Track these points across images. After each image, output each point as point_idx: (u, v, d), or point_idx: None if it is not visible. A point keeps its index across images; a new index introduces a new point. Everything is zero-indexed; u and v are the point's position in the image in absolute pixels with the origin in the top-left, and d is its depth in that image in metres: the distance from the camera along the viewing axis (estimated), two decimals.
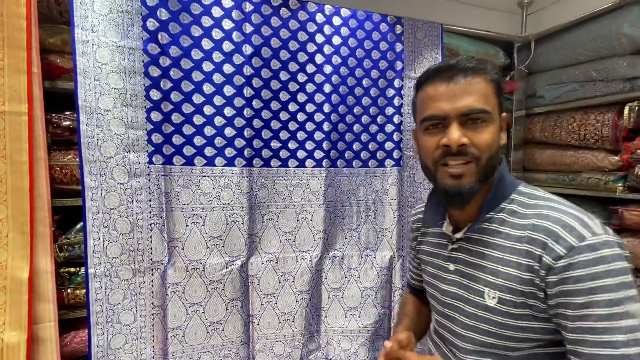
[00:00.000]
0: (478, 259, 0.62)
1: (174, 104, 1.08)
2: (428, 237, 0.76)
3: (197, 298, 1.14)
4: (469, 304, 0.62)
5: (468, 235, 0.64)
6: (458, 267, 0.65)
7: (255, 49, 1.13)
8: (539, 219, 0.56)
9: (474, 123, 0.57)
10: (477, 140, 0.57)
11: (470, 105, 0.57)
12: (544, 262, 0.53)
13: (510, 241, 0.58)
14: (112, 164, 1.02)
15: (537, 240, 0.55)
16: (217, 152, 1.13)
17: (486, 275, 0.60)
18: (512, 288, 0.56)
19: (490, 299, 0.59)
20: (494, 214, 0.61)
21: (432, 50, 1.36)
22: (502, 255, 0.58)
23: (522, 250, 0.56)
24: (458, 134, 0.57)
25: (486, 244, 0.61)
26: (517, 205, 0.60)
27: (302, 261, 1.25)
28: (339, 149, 1.28)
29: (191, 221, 1.12)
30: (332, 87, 1.23)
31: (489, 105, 0.58)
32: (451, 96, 0.58)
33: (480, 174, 0.58)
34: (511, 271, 0.57)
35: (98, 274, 1.01)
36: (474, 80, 0.57)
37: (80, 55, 0.97)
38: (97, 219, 1.01)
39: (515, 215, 0.59)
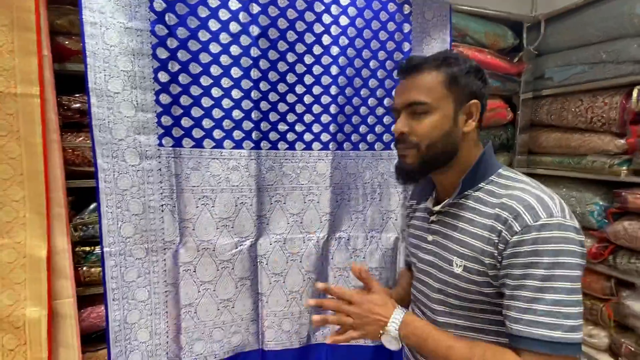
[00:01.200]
0: (451, 231, 0.71)
1: (182, 87, 1.09)
2: (417, 213, 0.87)
3: (208, 277, 1.18)
4: (440, 271, 0.72)
5: (446, 209, 0.73)
6: (435, 238, 0.75)
7: (262, 29, 1.13)
8: (508, 199, 0.64)
9: (418, 114, 0.68)
10: (416, 129, 0.68)
11: (410, 98, 0.68)
12: (502, 236, 0.61)
13: (481, 217, 0.66)
14: (123, 146, 1.04)
15: (501, 217, 0.62)
16: (225, 134, 1.15)
17: (456, 246, 0.69)
18: (475, 258, 0.65)
19: (457, 267, 0.67)
20: (471, 192, 0.69)
21: (441, 31, 1.34)
22: (472, 229, 0.67)
23: (488, 225, 0.64)
24: (399, 125, 0.69)
25: (460, 218, 0.70)
26: (493, 186, 0.68)
27: (309, 242, 1.29)
28: (345, 131, 1.29)
29: (201, 202, 1.15)
30: (339, 69, 1.24)
31: (430, 97, 0.67)
32: (402, 91, 0.70)
33: (421, 157, 0.68)
34: (477, 243, 0.65)
35: (113, 253, 1.05)
36: (419, 76, 0.68)
37: (89, 37, 0.97)
38: (111, 200, 1.04)
39: (490, 194, 0.67)
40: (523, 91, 1.66)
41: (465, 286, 0.67)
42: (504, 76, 1.58)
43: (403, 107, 0.69)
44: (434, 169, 0.72)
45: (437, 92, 0.67)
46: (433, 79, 0.67)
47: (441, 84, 0.67)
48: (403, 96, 0.69)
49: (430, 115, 0.67)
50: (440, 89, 0.67)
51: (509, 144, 1.70)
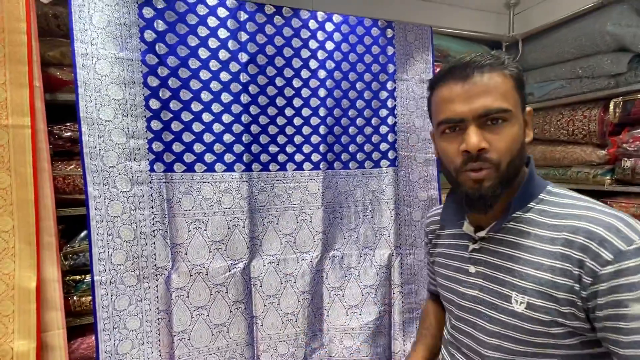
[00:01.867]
0: (504, 261, 0.58)
1: (173, 113, 1.11)
2: (443, 239, 0.74)
3: (201, 301, 1.17)
4: (493, 309, 0.59)
5: (491, 235, 0.61)
6: (480, 270, 0.62)
7: (250, 56, 1.17)
8: (577, 220, 0.52)
9: (494, 124, 0.54)
10: (496, 143, 0.54)
11: (487, 105, 0.53)
12: (587, 267, 0.49)
13: (542, 243, 0.55)
14: (114, 173, 1.05)
15: (576, 242, 0.51)
16: (216, 158, 1.16)
17: (514, 279, 0.57)
18: (543, 293, 0.53)
19: (518, 304, 0.55)
20: (521, 214, 0.58)
21: (423, 52, 1.40)
22: (533, 258, 0.55)
23: (557, 252, 0.53)
24: (477, 138, 0.54)
25: (513, 245, 0.58)
26: (546, 205, 0.57)
27: (303, 262, 1.29)
28: (335, 151, 1.31)
29: (193, 226, 1.15)
30: (326, 91, 1.27)
31: (508, 102, 0.54)
32: (467, 97, 0.55)
33: (501, 178, 0.55)
34: (543, 275, 0.53)
35: (104, 281, 1.04)
36: (491, 77, 0.54)
37: (80, 67, 0.99)
38: (102, 227, 1.04)
39: (546, 215, 0.56)
40: None
41: (529, 327, 0.54)
42: None
43: (474, 116, 0.54)
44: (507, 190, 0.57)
45: (513, 97, 0.55)
46: (506, 81, 0.55)
47: (514, 87, 0.56)
48: (474, 102, 0.54)
49: (510, 125, 0.54)
50: (514, 94, 0.55)
51: None
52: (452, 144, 0.57)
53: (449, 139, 0.58)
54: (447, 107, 0.57)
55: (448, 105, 0.56)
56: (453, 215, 0.67)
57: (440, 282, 0.72)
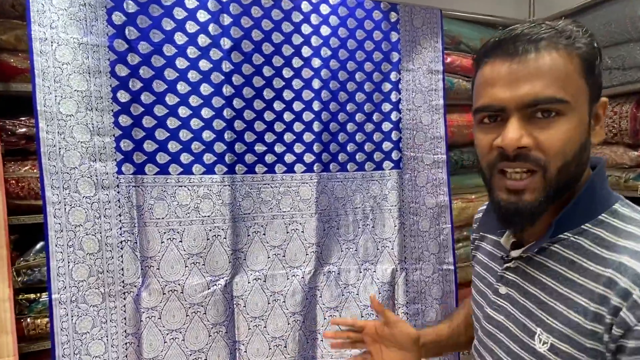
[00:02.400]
0: (536, 289, 0.56)
1: (145, 106, 1.12)
2: (484, 244, 0.72)
3: (175, 324, 1.18)
4: (514, 341, 0.58)
5: (530, 255, 0.58)
6: (510, 292, 0.60)
7: (234, 42, 1.19)
8: (629, 256, 0.48)
9: (545, 117, 0.49)
10: (545, 141, 0.49)
11: (537, 92, 0.49)
12: (620, 317, 0.46)
13: (585, 277, 0.50)
14: (76, 175, 1.06)
15: (619, 285, 0.47)
16: (194, 158, 1.18)
17: (542, 313, 0.54)
18: (571, 338, 0.50)
19: (541, 343, 0.53)
20: (570, 236, 0.54)
21: (432, 39, 1.43)
22: (569, 293, 0.51)
23: (595, 292, 0.49)
24: (516, 133, 0.49)
25: (551, 273, 0.54)
26: (605, 230, 0.52)
27: (294, 278, 1.30)
28: (331, 151, 1.34)
29: (167, 237, 1.16)
30: (321, 83, 1.30)
31: (566, 91, 0.49)
32: (512, 80, 0.50)
33: (548, 188, 0.51)
34: (575, 317, 0.50)
35: (63, 300, 1.05)
36: (548, 56, 0.49)
37: (37, 54, 1.01)
38: (61, 238, 1.05)
39: (601, 244, 0.51)
40: None
41: None
42: None
43: (518, 106, 0.50)
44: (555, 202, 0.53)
45: (575, 84, 0.49)
46: (568, 63, 0.49)
47: (577, 72, 0.50)
48: (519, 88, 0.49)
49: (567, 120, 0.49)
50: (577, 80, 0.50)
51: None
52: (487, 135, 0.54)
53: (485, 130, 0.54)
54: (486, 91, 0.53)
55: (488, 89, 0.52)
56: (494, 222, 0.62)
57: (473, 293, 0.71)
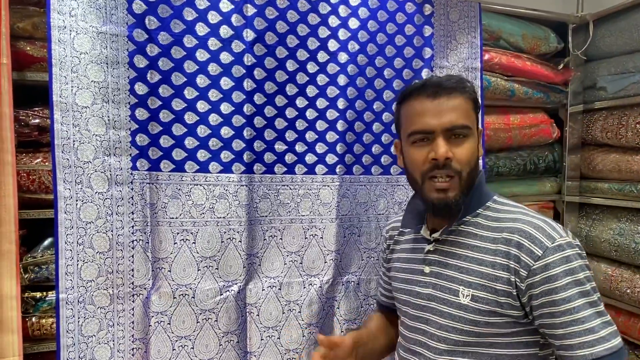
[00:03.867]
0: (454, 260, 0.83)
1: (163, 100, 1.16)
2: (402, 244, 0.98)
3: (185, 330, 1.21)
4: (444, 304, 0.82)
5: (444, 237, 0.85)
6: (433, 269, 0.86)
7: (257, 34, 1.22)
8: (513, 222, 0.78)
9: (457, 138, 0.79)
10: (459, 155, 0.79)
11: (454, 121, 0.79)
12: (523, 261, 0.74)
13: (485, 242, 0.80)
14: (89, 170, 1.11)
15: (513, 240, 0.76)
16: (211, 156, 1.22)
17: (461, 274, 0.80)
18: (484, 285, 0.77)
19: (464, 297, 0.79)
20: (470, 218, 0.84)
21: (469, 34, 1.44)
22: (477, 255, 0.80)
23: (497, 250, 0.77)
24: (444, 148, 0.78)
25: (461, 245, 0.83)
26: (491, 211, 0.84)
27: (311, 287, 1.33)
28: (355, 152, 1.35)
29: (180, 238, 1.20)
30: (347, 79, 1.32)
31: (469, 121, 0.80)
32: (437, 112, 0.79)
33: (463, 187, 0.80)
34: (485, 269, 0.78)
35: (70, 300, 1.09)
36: (455, 98, 0.80)
37: (56, 43, 1.06)
38: (71, 235, 1.10)
39: (490, 219, 0.82)
40: (571, 103, 1.74)
41: (472, 318, 0.78)
42: (547, 86, 1.67)
43: (442, 130, 0.79)
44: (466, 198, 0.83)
45: (472, 116, 0.82)
46: (467, 103, 0.82)
47: (472, 108, 0.83)
48: (441, 118, 0.79)
49: (470, 140, 0.81)
50: (472, 114, 0.83)
51: (555, 167, 1.77)
52: (421, 152, 0.81)
53: (418, 148, 0.82)
54: (419, 120, 0.81)
55: (420, 118, 0.81)
56: (413, 219, 0.92)
57: (397, 286, 0.95)
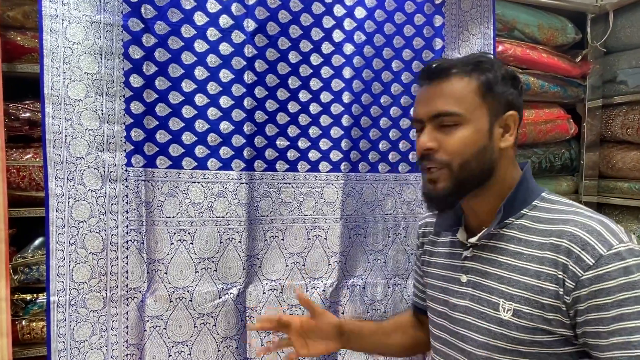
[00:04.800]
0: (494, 268, 0.75)
1: (159, 93, 1.17)
2: (438, 247, 0.91)
3: (182, 336, 1.22)
4: (482, 319, 0.75)
5: (483, 242, 0.78)
6: (471, 278, 0.79)
7: (259, 24, 1.22)
8: (563, 224, 0.69)
9: (447, 126, 0.74)
10: (446, 144, 0.74)
11: (437, 108, 0.74)
12: (570, 271, 0.65)
13: (531, 248, 0.71)
14: (82, 166, 1.11)
15: (562, 246, 0.67)
16: (210, 152, 1.22)
17: (502, 286, 0.73)
18: (529, 299, 0.69)
19: (505, 311, 0.72)
20: (513, 220, 0.76)
21: (481, 25, 1.43)
22: (520, 263, 0.72)
23: (543, 257, 0.69)
24: (425, 138, 0.75)
25: (503, 252, 0.75)
26: (539, 212, 0.75)
27: (314, 291, 1.33)
28: (361, 149, 1.35)
29: (177, 238, 1.20)
30: (353, 72, 1.32)
31: (460, 106, 0.73)
32: (426, 99, 0.77)
33: (454, 179, 0.74)
34: (529, 280, 0.70)
35: (62, 303, 1.10)
36: (448, 82, 0.75)
37: (47, 33, 1.06)
38: (63, 234, 1.10)
39: (537, 221, 0.73)
40: (590, 98, 1.73)
41: (515, 335, 0.70)
42: (564, 79, 1.66)
43: (428, 118, 0.76)
44: (469, 192, 0.77)
45: (470, 102, 0.74)
46: (464, 86, 0.75)
47: (474, 92, 0.75)
48: (428, 105, 0.76)
49: (462, 128, 0.74)
50: (473, 98, 0.75)
51: (572, 165, 1.76)
52: (417, 142, 0.79)
53: (417, 138, 0.79)
54: (415, 108, 0.80)
55: (416, 107, 0.79)
56: (448, 220, 0.85)
57: (432, 295, 0.89)
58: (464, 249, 0.81)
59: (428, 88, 0.77)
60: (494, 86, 0.75)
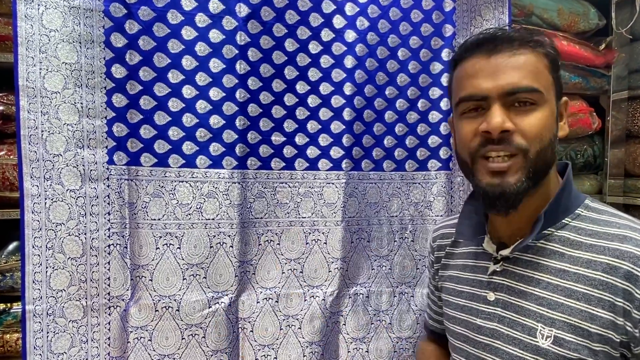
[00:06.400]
0: (531, 287, 0.68)
1: (144, 84, 1.15)
2: (456, 259, 0.84)
3: (168, 348, 1.20)
4: (514, 345, 0.69)
5: (517, 255, 0.71)
6: (500, 297, 0.72)
7: (252, 9, 1.21)
8: (620, 242, 0.63)
9: (522, 106, 0.66)
10: (524, 126, 0.65)
11: (516, 82, 0.65)
12: (637, 299, 0.59)
13: (577, 265, 0.65)
14: (60, 164, 1.09)
15: (622, 269, 0.61)
16: (198, 148, 1.20)
17: (541, 308, 0.67)
18: (574, 325, 0.63)
19: (544, 338, 0.65)
20: (553, 231, 0.69)
21: (495, 10, 1.41)
22: (565, 283, 0.65)
23: (595, 278, 0.63)
24: (501, 117, 0.65)
25: (541, 268, 0.68)
26: (584, 222, 0.68)
27: (313, 300, 1.31)
28: (364, 145, 1.34)
29: (163, 242, 1.19)
30: (356, 61, 1.30)
31: (540, 83, 0.66)
32: (493, 72, 0.66)
33: (529, 170, 0.65)
34: (576, 304, 0.63)
35: (38, 312, 1.09)
36: (522, 53, 0.66)
37: (22, 19, 1.05)
38: (39, 238, 1.08)
39: (583, 233, 0.67)
40: (614, 89, 1.71)
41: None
42: (586, 69, 1.64)
43: (499, 94, 0.66)
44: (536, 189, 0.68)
45: (546, 79, 0.67)
46: (539, 60, 0.67)
47: (548, 68, 0.68)
48: (499, 79, 0.66)
49: (540, 109, 0.66)
50: (547, 75, 0.68)
51: (596, 162, 1.74)
52: (471, 125, 0.68)
53: (469, 120, 0.69)
54: (469, 83, 0.68)
55: (471, 81, 0.68)
56: (471, 228, 0.78)
57: (450, 314, 0.82)
58: (493, 262, 0.75)
59: (494, 59, 0.67)
60: (558, 65, 0.69)
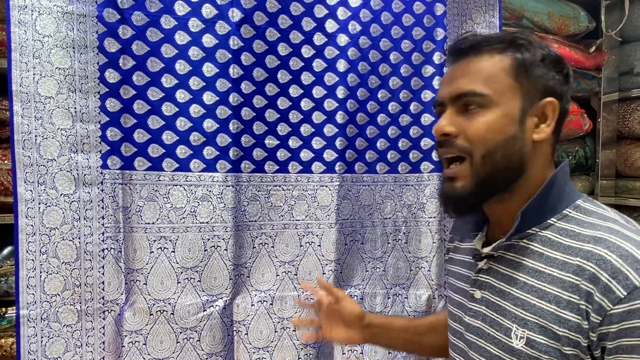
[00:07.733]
0: (509, 286, 0.71)
1: (137, 89, 1.19)
2: (459, 255, 0.87)
3: (163, 352, 1.23)
4: (494, 344, 0.71)
5: (502, 253, 0.73)
6: (485, 295, 0.74)
7: (245, 13, 1.24)
8: (594, 244, 0.63)
9: (471, 109, 0.70)
10: (468, 129, 0.69)
11: (461, 88, 0.70)
12: (596, 303, 0.59)
13: (552, 267, 0.66)
14: (54, 169, 1.13)
15: (587, 270, 0.61)
16: (192, 152, 1.24)
17: (516, 309, 0.68)
18: (544, 327, 0.64)
19: (517, 339, 0.67)
20: (537, 230, 0.70)
21: (486, 13, 1.46)
22: (537, 284, 0.67)
23: (565, 280, 0.63)
24: (446, 121, 0.71)
25: (522, 268, 0.70)
26: (569, 223, 0.69)
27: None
28: (357, 148, 1.38)
29: (157, 246, 1.22)
30: (348, 65, 1.34)
31: (488, 87, 0.69)
32: (450, 78, 0.73)
33: (476, 176, 0.69)
34: (546, 306, 0.65)
35: (32, 317, 1.11)
36: (476, 59, 0.71)
37: (15, 24, 1.08)
38: (33, 243, 1.11)
39: (565, 234, 0.67)
40: (605, 91, 1.76)
41: None
42: (577, 71, 1.69)
43: (450, 99, 0.71)
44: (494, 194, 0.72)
45: (499, 82, 0.69)
46: (495, 64, 0.70)
47: (505, 71, 0.70)
48: (451, 85, 0.71)
49: (488, 111, 0.69)
50: (503, 78, 0.69)
51: (587, 163, 1.79)
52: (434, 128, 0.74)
53: None
54: (439, 89, 0.76)
55: (439, 87, 0.76)
56: (468, 225, 0.82)
57: (449, 309, 0.85)
58: (479, 259, 0.77)
59: (454, 67, 0.73)
60: (530, 67, 0.70)
